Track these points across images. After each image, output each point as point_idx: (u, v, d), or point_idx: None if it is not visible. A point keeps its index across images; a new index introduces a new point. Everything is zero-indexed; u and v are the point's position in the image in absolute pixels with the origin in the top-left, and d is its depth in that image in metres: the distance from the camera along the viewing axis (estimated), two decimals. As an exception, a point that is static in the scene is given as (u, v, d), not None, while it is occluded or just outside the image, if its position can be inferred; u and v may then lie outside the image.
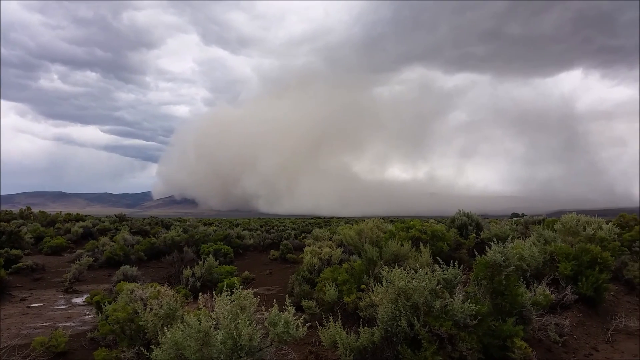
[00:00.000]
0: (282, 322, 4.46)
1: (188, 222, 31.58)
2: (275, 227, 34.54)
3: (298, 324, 4.61)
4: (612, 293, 9.20)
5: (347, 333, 5.31)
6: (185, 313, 5.28)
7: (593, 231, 10.49)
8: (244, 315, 4.39)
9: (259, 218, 71.33)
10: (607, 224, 11.49)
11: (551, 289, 7.63)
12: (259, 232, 27.70)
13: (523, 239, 9.60)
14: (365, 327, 5.32)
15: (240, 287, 4.87)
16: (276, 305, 4.77)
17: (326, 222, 51.92)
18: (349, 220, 50.71)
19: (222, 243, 18.86)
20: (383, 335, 5.17)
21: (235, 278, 12.68)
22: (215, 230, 25.05)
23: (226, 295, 4.74)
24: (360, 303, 6.50)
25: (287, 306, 4.76)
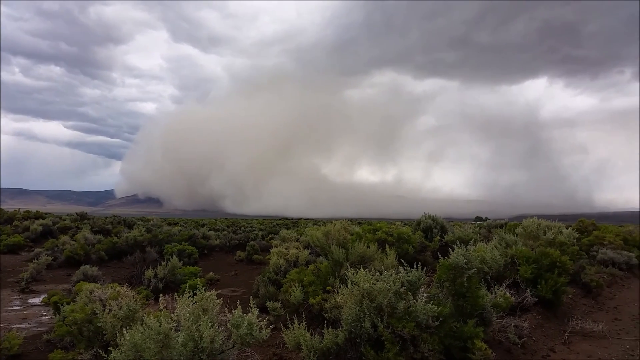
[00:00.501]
0: (246, 324, 4.41)
1: (152, 222, 30.89)
2: (242, 228, 34.17)
3: (262, 325, 4.56)
4: (569, 296, 9.53)
5: (311, 335, 5.29)
6: (145, 314, 5.15)
7: (553, 235, 10.85)
8: (206, 317, 4.31)
9: (226, 218, 70.49)
10: (567, 228, 11.93)
11: (511, 292, 7.84)
12: (225, 232, 27.34)
13: (486, 242, 9.82)
14: (330, 329, 5.32)
15: (203, 288, 4.78)
16: (240, 306, 4.71)
17: (294, 223, 51.74)
18: (317, 222, 50.74)
19: (186, 243, 18.56)
20: (347, 336, 5.18)
21: (200, 279, 12.48)
22: (180, 230, 24.61)
23: (188, 297, 4.65)
24: (326, 305, 6.51)
25: (251, 308, 4.71)
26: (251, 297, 5.35)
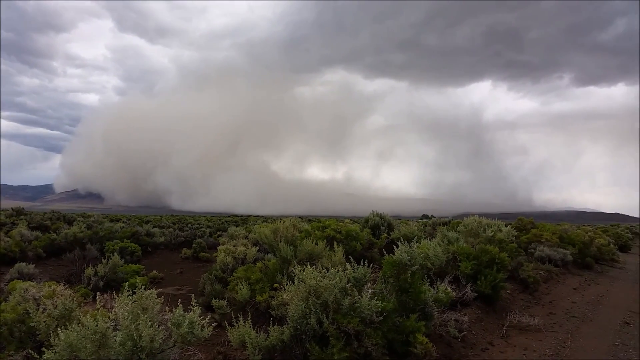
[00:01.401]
0: (187, 323, 4.32)
1: (92, 218, 29.56)
2: (189, 225, 33.41)
3: (204, 324, 4.49)
4: (508, 291, 10.00)
5: (257, 332, 5.27)
6: (82, 314, 4.94)
7: (493, 233, 11.35)
8: (146, 315, 4.19)
9: (172, 215, 68.54)
10: (507, 226, 12.52)
11: (453, 287, 8.13)
12: (170, 229, 26.61)
13: (430, 240, 10.14)
14: (276, 326, 5.32)
15: (143, 286, 4.64)
16: (181, 305, 4.62)
17: (243, 220, 51.08)
18: (267, 219, 50.40)
19: (129, 241, 17.92)
20: (292, 333, 5.19)
21: (143, 277, 12.10)
22: (123, 227, 23.71)
23: (128, 295, 4.51)
24: (273, 302, 6.49)
25: (193, 306, 4.62)
26: (192, 295, 5.24)
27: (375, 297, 5.36)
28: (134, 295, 4.59)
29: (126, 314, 4.24)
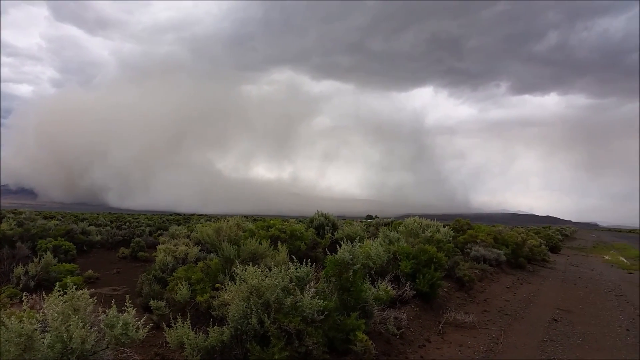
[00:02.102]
0: (121, 324, 4.17)
1: (24, 215, 27.83)
2: (128, 223, 32.20)
3: (139, 325, 4.35)
4: (445, 289, 10.37)
5: (196, 333, 5.17)
6: (7, 315, 4.65)
7: (431, 233, 11.74)
8: (77, 316, 4.00)
9: (109, 213, 65.65)
10: (445, 227, 12.98)
11: (393, 286, 8.33)
12: (108, 228, 25.57)
13: (373, 240, 10.35)
14: (216, 326, 5.24)
15: (74, 286, 4.43)
16: (114, 305, 4.46)
17: (186, 219, 49.82)
18: (210, 218, 49.38)
19: (63, 239, 17.05)
20: (233, 333, 5.14)
21: (77, 277, 11.53)
22: (57, 224, 22.50)
23: (58, 296, 4.29)
24: (214, 302, 6.39)
25: (127, 307, 4.47)
26: (128, 295, 5.05)
27: (318, 296, 5.40)
28: (65, 296, 4.38)
29: (56, 315, 4.04)
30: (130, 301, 4.73)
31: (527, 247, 19.33)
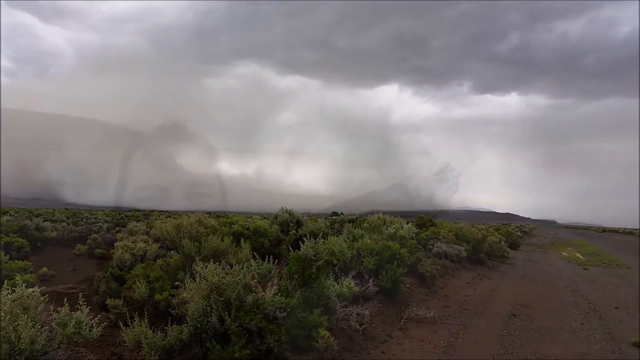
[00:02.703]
0: (73, 323, 3.99)
1: (-28, 211, 26.57)
2: (85, 219, 31.15)
3: (92, 324, 4.17)
4: (407, 285, 10.46)
5: (154, 332, 5.02)
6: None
7: (394, 230, 11.83)
8: (27, 315, 3.80)
9: (66, 209, 63.24)
10: (408, 224, 13.11)
11: (356, 282, 8.33)
12: (64, 224, 24.68)
13: (337, 236, 10.34)
14: (175, 325, 5.10)
15: (24, 284, 4.21)
16: (67, 304, 4.26)
17: (146, 215, 48.59)
18: (171, 215, 48.35)
19: (16, 235, 16.35)
20: (192, 332, 5.01)
21: (30, 275, 11.03)
22: (9, 220, 21.56)
23: (7, 294, 4.06)
24: (173, 301, 6.22)
25: (80, 305, 4.28)
26: (81, 293, 4.84)
27: (280, 293, 5.33)
28: (13, 294, 4.16)
29: (3, 314, 3.82)
30: (84, 300, 4.53)
31: (487, 244, 19.72)
